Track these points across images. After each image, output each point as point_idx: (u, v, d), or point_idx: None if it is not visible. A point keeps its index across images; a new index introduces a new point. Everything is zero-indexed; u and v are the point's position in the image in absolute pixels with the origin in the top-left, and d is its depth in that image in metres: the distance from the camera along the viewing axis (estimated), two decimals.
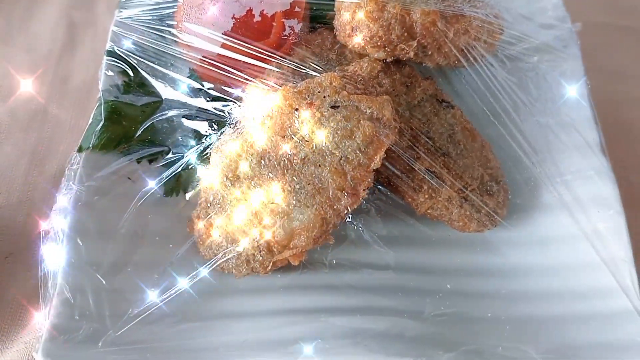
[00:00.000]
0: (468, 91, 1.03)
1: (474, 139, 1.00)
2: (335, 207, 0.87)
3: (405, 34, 0.94)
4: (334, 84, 0.89)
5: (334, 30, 1.02)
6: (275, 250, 0.88)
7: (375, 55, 0.97)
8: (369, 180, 0.87)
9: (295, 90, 0.89)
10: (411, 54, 0.96)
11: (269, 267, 0.89)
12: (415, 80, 1.01)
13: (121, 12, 1.11)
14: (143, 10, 1.09)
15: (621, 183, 1.01)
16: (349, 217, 0.94)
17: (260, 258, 0.88)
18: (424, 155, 0.93)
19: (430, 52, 0.97)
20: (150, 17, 1.07)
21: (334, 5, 1.00)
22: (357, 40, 0.96)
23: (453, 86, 1.06)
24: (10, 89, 1.24)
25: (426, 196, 0.93)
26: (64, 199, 0.92)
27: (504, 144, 1.00)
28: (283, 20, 0.99)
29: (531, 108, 1.00)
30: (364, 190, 0.87)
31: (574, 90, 1.06)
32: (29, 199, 1.09)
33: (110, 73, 1.04)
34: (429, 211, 0.94)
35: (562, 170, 0.99)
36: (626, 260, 0.91)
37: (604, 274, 0.91)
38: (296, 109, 0.89)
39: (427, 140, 0.95)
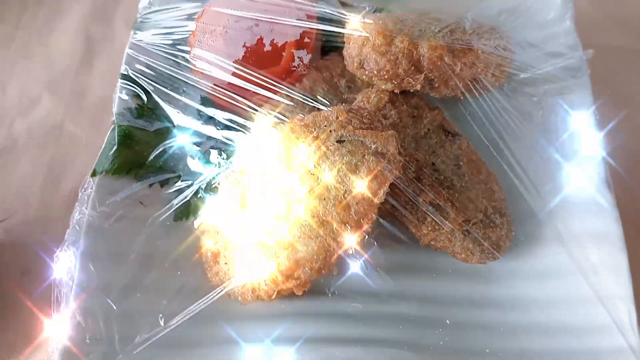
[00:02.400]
0: (471, 123, 1.03)
1: (479, 170, 1.01)
2: (338, 239, 0.89)
3: (413, 68, 0.95)
4: (340, 118, 0.91)
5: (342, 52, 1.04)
6: (279, 280, 0.90)
7: (383, 87, 0.98)
8: (373, 214, 0.89)
9: (302, 123, 0.91)
10: (418, 87, 0.97)
11: (274, 296, 0.91)
12: (423, 111, 1.02)
13: (136, 33, 1.13)
14: (157, 34, 1.11)
15: (629, 213, 1.02)
16: (352, 250, 0.95)
17: (265, 287, 0.91)
18: (428, 188, 0.94)
19: (437, 85, 0.98)
20: (163, 41, 1.09)
21: (343, 35, 1.01)
22: (365, 72, 0.97)
23: (457, 117, 1.06)
24: (28, 104, 1.27)
25: (429, 228, 0.94)
26: (77, 224, 0.95)
27: (506, 176, 1.01)
28: (293, 50, 1.00)
29: (533, 142, 1.00)
30: (367, 223, 0.89)
31: (581, 122, 1.05)
32: (45, 216, 1.13)
33: (125, 97, 1.07)
34: (432, 242, 0.96)
35: (564, 205, 0.99)
36: (625, 299, 0.91)
37: (602, 311, 0.92)
38: (303, 142, 0.90)
39: (432, 172, 0.96)
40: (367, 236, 0.92)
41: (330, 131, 0.90)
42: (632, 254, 0.96)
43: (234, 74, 1.00)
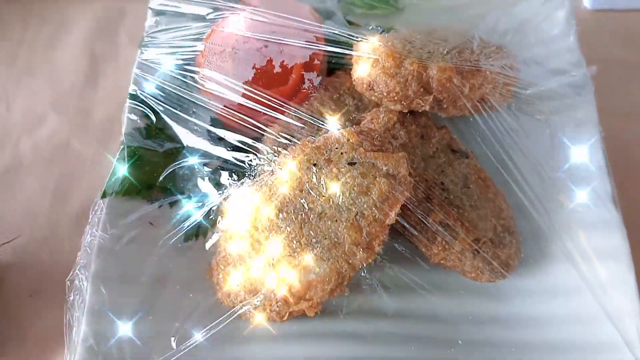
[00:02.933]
0: (477, 140, 1.04)
1: (488, 188, 1.01)
2: (350, 261, 0.89)
3: (422, 89, 0.96)
4: (351, 140, 0.91)
5: (351, 73, 1.04)
6: (291, 301, 0.91)
7: (392, 108, 0.99)
8: (384, 235, 0.90)
9: (313, 145, 0.92)
10: (427, 108, 0.98)
11: (285, 317, 0.92)
12: (431, 131, 1.03)
13: (142, 52, 1.14)
14: (164, 53, 1.11)
15: (632, 227, 1.03)
16: (364, 271, 0.96)
17: (277, 308, 0.91)
18: (438, 208, 0.95)
19: (445, 106, 0.99)
20: (171, 61, 1.10)
21: (350, 57, 1.02)
22: (375, 93, 0.98)
23: (462, 135, 1.07)
24: (33, 122, 1.27)
25: (440, 248, 0.95)
26: (88, 246, 0.95)
27: (512, 193, 1.01)
28: (303, 72, 1.01)
29: (540, 160, 1.01)
30: (378, 245, 0.90)
31: (586, 139, 1.07)
32: (53, 236, 1.12)
33: (134, 117, 1.07)
34: (442, 262, 0.97)
35: (571, 222, 1.00)
36: (633, 315, 0.93)
37: (611, 327, 0.93)
38: (314, 164, 0.91)
39: (441, 192, 0.97)
40: (378, 256, 0.92)
41: (342, 153, 0.91)
42: (638, 266, 0.97)
43: (244, 95, 1.00)
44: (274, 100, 1.00)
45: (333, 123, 0.99)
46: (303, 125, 1.00)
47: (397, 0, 1.26)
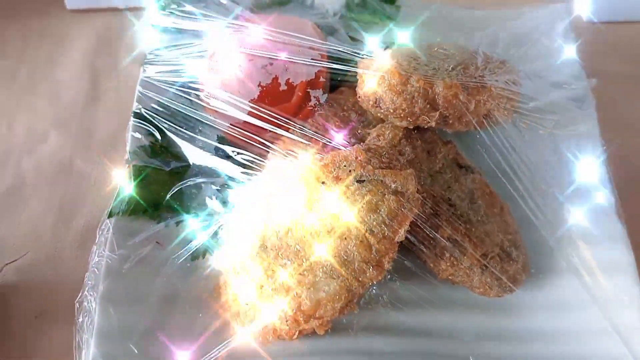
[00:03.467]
0: (481, 153, 1.04)
1: (494, 203, 1.02)
2: (360, 278, 0.89)
3: (428, 106, 0.96)
4: (359, 158, 0.92)
5: (356, 90, 1.05)
6: (301, 319, 0.91)
7: (398, 124, 1.00)
8: (394, 252, 0.90)
9: (321, 163, 0.92)
10: (433, 124, 0.98)
11: (295, 336, 0.92)
12: (436, 146, 1.04)
13: (145, 70, 1.14)
14: (168, 71, 1.11)
15: (637, 239, 1.03)
16: (374, 288, 0.96)
17: (287, 327, 0.91)
18: (445, 223, 0.95)
19: (451, 121, 0.99)
20: (175, 79, 1.10)
21: (355, 74, 1.02)
22: (381, 110, 0.98)
23: (466, 148, 1.07)
24: (35, 140, 1.26)
25: (448, 264, 0.95)
26: (95, 267, 0.95)
27: (516, 206, 1.01)
28: (308, 90, 1.01)
29: (544, 173, 1.02)
30: (388, 262, 0.90)
31: (588, 152, 1.07)
32: (57, 256, 1.11)
33: (138, 135, 1.07)
34: (450, 277, 0.97)
35: (576, 235, 1.00)
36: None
37: (619, 341, 0.93)
38: (322, 182, 0.91)
39: (449, 207, 0.97)
40: (387, 273, 0.92)
41: (350, 171, 0.91)
42: None
43: (250, 113, 1.00)
44: (280, 117, 1.00)
45: (339, 140, 0.99)
46: (309, 142, 1.00)
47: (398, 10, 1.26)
